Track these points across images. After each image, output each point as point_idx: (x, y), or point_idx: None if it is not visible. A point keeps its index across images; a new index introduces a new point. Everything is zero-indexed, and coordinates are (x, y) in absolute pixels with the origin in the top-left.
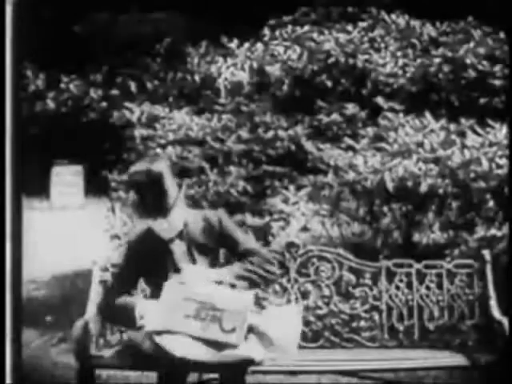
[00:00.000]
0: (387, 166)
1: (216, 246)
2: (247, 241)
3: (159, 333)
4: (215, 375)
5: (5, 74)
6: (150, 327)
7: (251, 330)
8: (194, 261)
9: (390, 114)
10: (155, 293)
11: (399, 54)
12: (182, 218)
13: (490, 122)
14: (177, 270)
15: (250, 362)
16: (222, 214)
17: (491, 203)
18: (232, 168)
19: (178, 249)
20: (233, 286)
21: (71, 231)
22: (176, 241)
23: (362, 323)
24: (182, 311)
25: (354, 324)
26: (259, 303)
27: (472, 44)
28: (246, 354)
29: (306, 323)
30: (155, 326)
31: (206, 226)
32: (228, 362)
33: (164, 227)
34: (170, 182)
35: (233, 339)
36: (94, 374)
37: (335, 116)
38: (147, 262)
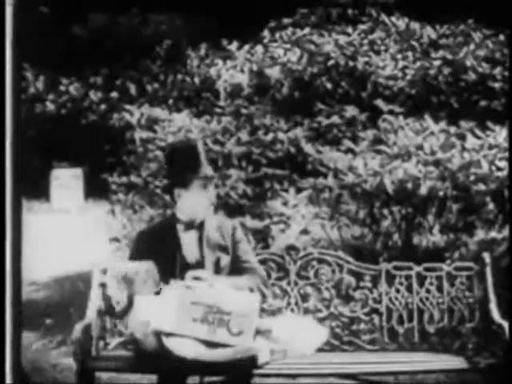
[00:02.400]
0: (387, 169)
1: (225, 246)
2: (252, 258)
3: (168, 335)
4: (217, 378)
5: (5, 75)
6: (159, 326)
7: (259, 332)
8: (201, 252)
9: (389, 117)
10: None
11: (399, 56)
12: (205, 210)
13: (490, 124)
14: (183, 266)
15: (256, 362)
16: (238, 225)
17: (491, 206)
18: (232, 170)
19: (189, 238)
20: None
21: (71, 234)
22: (192, 231)
23: (362, 326)
24: (190, 315)
25: (354, 327)
26: (271, 309)
27: (472, 46)
28: (251, 351)
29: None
30: (164, 326)
31: (221, 229)
32: (233, 362)
33: (188, 205)
34: (204, 158)
35: (240, 342)
36: (95, 377)
37: (335, 118)
38: (156, 249)
